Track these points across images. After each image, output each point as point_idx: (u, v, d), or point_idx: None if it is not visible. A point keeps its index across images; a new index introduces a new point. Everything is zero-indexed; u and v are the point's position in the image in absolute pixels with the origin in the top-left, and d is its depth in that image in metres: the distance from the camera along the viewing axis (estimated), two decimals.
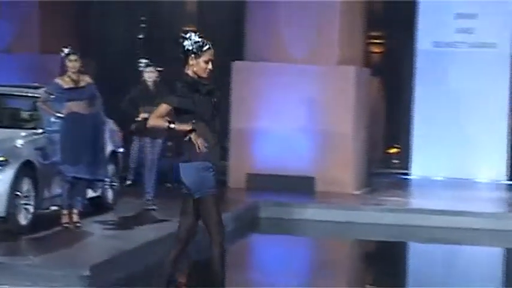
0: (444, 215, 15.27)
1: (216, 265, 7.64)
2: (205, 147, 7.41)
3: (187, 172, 7.53)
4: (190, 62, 7.52)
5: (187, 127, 7.43)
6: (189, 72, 7.55)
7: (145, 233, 12.06)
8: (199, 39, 7.52)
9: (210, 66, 7.53)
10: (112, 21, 22.04)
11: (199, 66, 7.50)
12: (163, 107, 7.57)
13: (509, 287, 12.84)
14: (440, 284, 12.30)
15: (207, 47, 7.53)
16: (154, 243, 11.65)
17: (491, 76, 19.82)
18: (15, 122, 12.68)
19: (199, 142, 7.38)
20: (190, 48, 7.47)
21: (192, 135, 7.39)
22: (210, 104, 7.53)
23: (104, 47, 21.28)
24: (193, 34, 7.54)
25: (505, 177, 19.77)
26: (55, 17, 18.99)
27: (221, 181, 17.47)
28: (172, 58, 21.30)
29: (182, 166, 7.55)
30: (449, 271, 13.49)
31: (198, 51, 7.48)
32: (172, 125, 7.47)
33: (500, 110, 19.84)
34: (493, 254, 14.71)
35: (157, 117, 7.59)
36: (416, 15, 20.23)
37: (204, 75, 7.54)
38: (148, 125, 7.79)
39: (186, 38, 7.50)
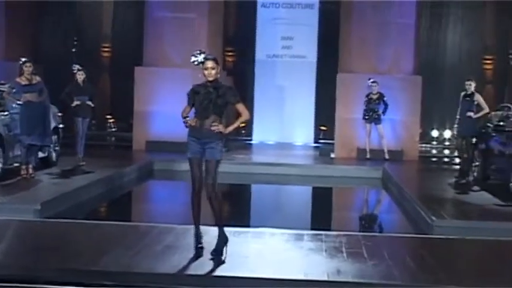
0: (274, 166, 15.51)
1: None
2: (193, 126, 7.19)
3: None
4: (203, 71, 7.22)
5: (184, 121, 7.31)
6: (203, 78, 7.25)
7: (78, 181, 11.94)
8: (200, 55, 7.17)
9: (210, 71, 7.11)
10: (54, 39, 21.61)
11: (204, 74, 7.17)
12: (186, 105, 7.40)
13: (313, 204, 13.38)
14: (273, 205, 12.68)
15: (205, 59, 7.15)
16: (84, 187, 11.61)
17: (303, 76, 20.13)
18: None
19: (188, 123, 7.23)
20: (197, 62, 7.16)
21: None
22: (203, 100, 7.16)
23: (49, 56, 20.85)
24: (197, 52, 7.23)
25: (312, 141, 20.16)
26: (15, 34, 18.58)
27: (128, 146, 17.57)
28: (94, 64, 21.11)
29: None
30: (278, 199, 13.87)
31: (201, 63, 7.16)
32: (186, 119, 7.29)
33: (309, 96, 20.13)
34: (304, 190, 15.09)
35: (184, 112, 7.38)
36: (256, 37, 20.40)
37: (210, 78, 7.14)
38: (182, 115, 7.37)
39: (193, 55, 7.17)
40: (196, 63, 7.20)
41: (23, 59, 11.91)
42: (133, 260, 6.91)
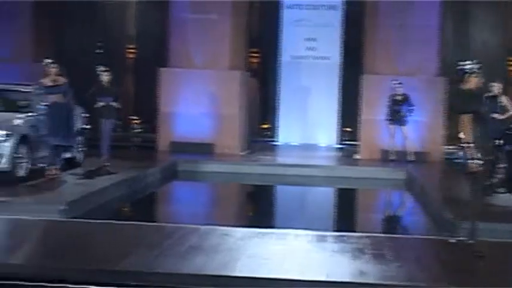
0: (298, 167, 15.51)
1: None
2: None
3: None
4: (469, 79, 7.56)
5: None
6: (466, 86, 7.58)
7: (102, 181, 12.01)
8: (475, 64, 7.59)
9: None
10: (80, 41, 21.72)
11: (473, 82, 7.55)
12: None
13: (337, 205, 13.41)
14: (296, 206, 12.66)
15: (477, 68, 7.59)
16: (109, 188, 11.68)
17: (327, 77, 20.06)
18: (16, 108, 12.48)
19: None
20: (469, 70, 7.53)
21: None
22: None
23: (74, 58, 20.98)
24: (469, 61, 7.62)
25: (336, 142, 20.07)
26: (42, 37, 18.74)
27: (153, 147, 17.62)
28: (118, 65, 21.21)
29: None
30: (302, 200, 13.84)
31: (473, 72, 7.55)
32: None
33: (332, 98, 20.07)
34: (328, 191, 15.06)
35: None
36: (281, 38, 20.40)
37: (474, 87, 7.57)
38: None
39: (467, 64, 7.57)
40: (469, 70, 7.55)
41: (48, 60, 11.99)
42: (157, 260, 6.93)
